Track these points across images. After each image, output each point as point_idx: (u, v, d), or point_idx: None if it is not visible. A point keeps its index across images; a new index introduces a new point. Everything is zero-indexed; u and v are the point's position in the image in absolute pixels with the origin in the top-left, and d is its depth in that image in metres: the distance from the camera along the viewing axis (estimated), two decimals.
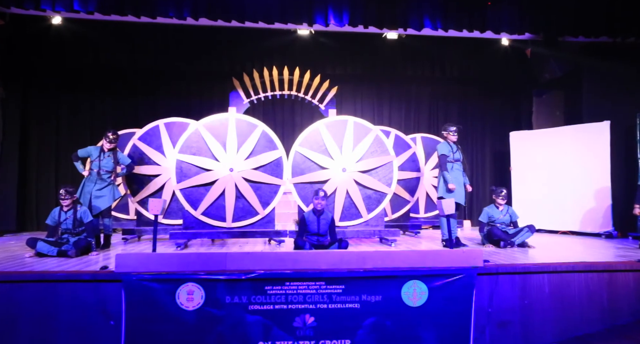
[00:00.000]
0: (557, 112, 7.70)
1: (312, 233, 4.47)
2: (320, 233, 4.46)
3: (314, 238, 4.46)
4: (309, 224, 4.48)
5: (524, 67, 7.58)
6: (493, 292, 3.49)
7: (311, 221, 4.48)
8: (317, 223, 4.46)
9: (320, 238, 4.45)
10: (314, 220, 4.49)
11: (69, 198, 4.40)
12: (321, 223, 4.47)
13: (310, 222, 4.48)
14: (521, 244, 4.89)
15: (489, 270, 3.48)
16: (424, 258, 3.35)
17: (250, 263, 3.22)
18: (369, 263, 3.30)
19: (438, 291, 3.27)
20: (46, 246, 4.10)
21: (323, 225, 4.48)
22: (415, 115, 8.38)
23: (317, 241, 4.45)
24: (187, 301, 3.11)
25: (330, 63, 7.77)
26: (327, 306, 3.21)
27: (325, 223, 4.50)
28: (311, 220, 4.49)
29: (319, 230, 4.46)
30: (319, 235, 4.45)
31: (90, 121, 7.63)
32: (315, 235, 4.46)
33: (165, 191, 5.76)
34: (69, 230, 4.35)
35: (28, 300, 3.16)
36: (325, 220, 4.50)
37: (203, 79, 7.77)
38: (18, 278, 3.20)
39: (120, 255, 3.19)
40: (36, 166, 7.32)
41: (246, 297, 3.16)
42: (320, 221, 4.47)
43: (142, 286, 3.09)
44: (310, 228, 4.47)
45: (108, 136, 5.01)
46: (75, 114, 7.56)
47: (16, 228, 6.86)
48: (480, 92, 8.34)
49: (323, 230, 4.47)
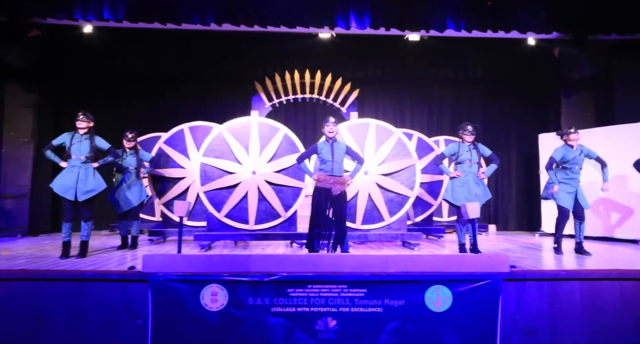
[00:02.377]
0: (588, 113, 7.44)
1: (325, 162, 4.25)
2: (335, 161, 4.23)
3: (329, 167, 4.22)
4: (322, 152, 4.26)
5: (552, 68, 7.39)
6: (520, 299, 3.39)
7: (324, 150, 4.25)
8: (331, 151, 4.24)
9: (334, 166, 4.23)
10: (327, 148, 4.26)
11: (85, 121, 4.42)
12: (335, 151, 4.26)
13: (323, 150, 4.26)
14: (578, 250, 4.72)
15: (516, 276, 3.39)
16: (448, 262, 3.30)
17: (272, 266, 3.24)
18: (391, 267, 3.27)
19: (463, 296, 3.21)
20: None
21: (338, 154, 4.26)
22: (438, 118, 8.28)
23: (332, 170, 4.22)
24: (211, 302, 3.15)
25: (352, 66, 7.77)
26: (349, 309, 3.19)
27: (341, 151, 4.28)
28: (324, 148, 4.27)
29: (333, 157, 4.23)
30: (334, 164, 4.22)
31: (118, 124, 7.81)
32: (329, 163, 4.22)
33: (189, 193, 5.88)
34: (79, 155, 4.33)
35: (59, 298, 3.26)
36: (340, 149, 4.29)
37: (226, 83, 7.89)
38: (50, 277, 3.31)
39: (147, 255, 3.26)
40: None
41: (268, 299, 3.18)
42: (334, 148, 4.26)
43: (167, 286, 3.15)
44: (323, 156, 4.25)
45: (127, 135, 5.14)
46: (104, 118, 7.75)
47: (50, 228, 7.14)
48: (505, 94, 8.15)
49: (338, 158, 4.25)
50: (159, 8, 5.75)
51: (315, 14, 5.95)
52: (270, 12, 5.88)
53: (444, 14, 6.01)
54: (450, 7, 6.00)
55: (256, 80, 6.53)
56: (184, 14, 5.78)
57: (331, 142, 4.30)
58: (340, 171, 4.27)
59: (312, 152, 4.40)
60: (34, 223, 6.83)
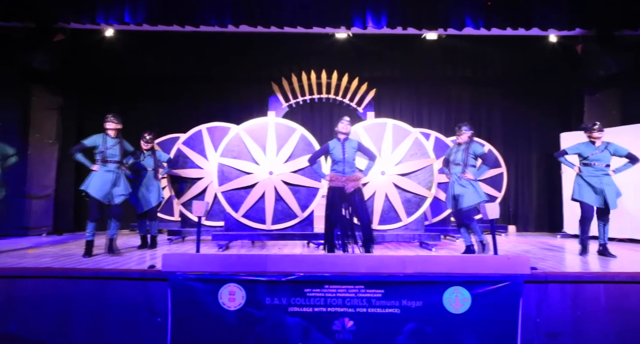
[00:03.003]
0: (613, 111, 7.22)
1: (337, 161, 4.20)
2: (347, 160, 4.19)
3: (340, 167, 4.18)
4: (333, 151, 4.22)
5: (574, 65, 7.19)
6: (542, 301, 3.31)
7: (335, 148, 4.21)
8: (342, 150, 4.20)
9: (345, 166, 4.19)
10: (338, 146, 4.22)
11: (115, 123, 4.51)
12: (346, 150, 4.21)
13: (334, 149, 4.21)
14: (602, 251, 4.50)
15: (537, 278, 3.31)
16: (466, 263, 3.25)
17: (289, 265, 3.25)
18: (409, 267, 3.24)
19: (482, 298, 3.16)
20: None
21: (349, 152, 4.21)
22: (456, 117, 8.16)
23: (343, 170, 4.18)
24: (229, 301, 3.18)
25: (368, 66, 7.73)
26: (366, 310, 3.18)
27: (352, 149, 4.23)
28: (335, 146, 4.22)
29: (344, 156, 4.19)
30: (345, 163, 4.18)
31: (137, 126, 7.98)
32: (341, 163, 4.18)
33: (207, 193, 5.95)
34: (114, 160, 4.43)
35: (83, 296, 3.35)
36: (351, 146, 4.24)
37: (243, 84, 7.97)
38: (74, 275, 3.40)
39: (167, 254, 3.32)
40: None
41: (286, 299, 3.19)
42: (345, 147, 4.22)
43: (186, 285, 3.19)
44: (335, 156, 4.21)
45: (145, 137, 5.21)
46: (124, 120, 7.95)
47: (73, 227, 7.33)
48: (526, 93, 7.98)
49: (349, 157, 4.21)
50: (178, 11, 5.84)
51: (332, 14, 5.94)
52: (287, 13, 5.91)
53: (463, 11, 5.91)
54: (469, 5, 5.90)
55: (273, 80, 6.55)
56: (202, 16, 5.86)
57: (342, 140, 4.27)
58: (351, 170, 4.23)
59: (323, 152, 4.37)
60: (58, 223, 7.04)
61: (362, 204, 4.27)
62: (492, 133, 8.00)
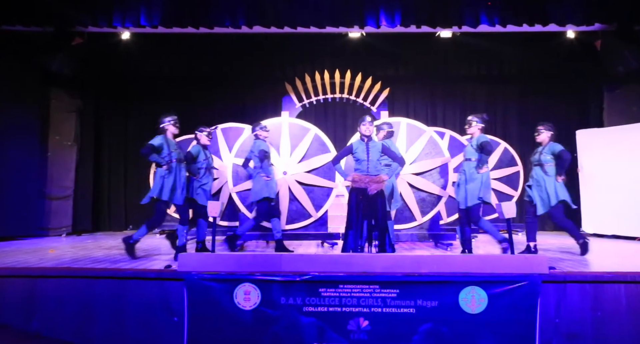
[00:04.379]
0: (634, 107, 7.04)
1: (360, 161, 4.17)
2: (371, 160, 4.15)
3: (364, 166, 4.14)
4: (357, 152, 4.18)
5: (593, 61, 7.03)
6: (560, 302, 3.26)
7: (359, 149, 4.18)
8: (366, 150, 4.16)
9: (370, 166, 4.14)
10: (362, 147, 4.18)
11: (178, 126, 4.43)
12: (371, 150, 4.17)
13: (358, 150, 4.19)
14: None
15: (555, 278, 3.26)
16: (483, 263, 3.21)
17: (304, 265, 3.25)
18: (424, 267, 3.22)
19: (499, 298, 3.11)
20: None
21: (373, 153, 4.17)
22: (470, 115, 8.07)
23: (367, 170, 4.13)
24: (244, 301, 3.21)
25: (382, 65, 7.71)
26: (381, 310, 3.17)
27: (376, 150, 4.20)
28: (359, 147, 4.19)
29: (368, 157, 4.15)
30: (369, 163, 4.14)
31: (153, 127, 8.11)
32: (364, 163, 4.14)
33: (222, 193, 6.00)
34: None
35: (102, 295, 3.41)
36: (376, 148, 4.20)
37: (256, 84, 8.02)
38: (94, 274, 3.47)
39: (183, 254, 3.37)
40: (108, 170, 7.95)
41: (300, 298, 3.20)
42: (369, 147, 4.18)
43: (202, 285, 3.22)
44: (358, 155, 4.18)
45: (206, 131, 4.80)
46: (140, 122, 8.10)
47: (91, 227, 7.48)
48: (542, 90, 7.84)
49: (373, 157, 4.17)
50: (192, 13, 5.90)
51: (345, 13, 5.93)
52: (300, 13, 5.91)
53: (478, 8, 5.83)
54: (484, 1, 5.82)
55: (286, 81, 6.57)
56: (216, 17, 5.91)
57: (366, 140, 4.23)
58: (376, 170, 4.18)
59: (347, 152, 4.34)
60: (77, 223, 7.19)
61: (383, 208, 4.22)
62: (508, 131, 7.89)
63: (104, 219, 7.84)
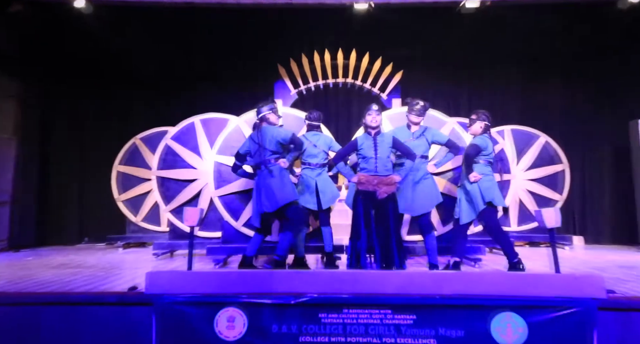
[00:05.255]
0: None
1: (367, 159, 4.16)
2: (379, 158, 4.15)
3: (372, 165, 4.13)
4: (363, 148, 4.17)
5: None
6: (624, 335, 3.16)
7: (365, 145, 4.17)
8: (373, 146, 4.16)
9: (378, 163, 4.13)
10: (368, 142, 4.18)
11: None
12: (379, 146, 4.17)
13: (364, 145, 4.17)
14: None
15: (617, 305, 3.17)
16: (520, 283, 3.18)
17: (300, 285, 3.23)
18: (446, 287, 3.20)
19: (542, 328, 3.06)
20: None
21: (382, 149, 4.17)
22: (502, 103, 8.09)
23: (376, 169, 4.12)
24: (227, 330, 3.16)
25: (393, 43, 7.69)
26: (394, 340, 3.13)
27: (386, 145, 4.19)
28: (365, 142, 4.18)
29: (376, 154, 4.15)
30: (377, 161, 4.14)
31: (118, 117, 8.07)
32: (372, 161, 4.14)
33: (202, 198, 5.96)
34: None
35: (48, 326, 3.28)
36: (385, 142, 4.20)
37: (243, 67, 8.01)
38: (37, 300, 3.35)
39: (152, 273, 3.32)
40: (57, 168, 7.85)
41: (296, 326, 3.17)
42: (377, 143, 4.18)
43: (175, 310, 3.18)
44: (364, 152, 4.17)
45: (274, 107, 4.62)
46: (101, 110, 8.06)
47: (35, 241, 7.30)
48: (592, 71, 7.82)
49: (382, 154, 4.17)
50: None
51: None
52: None
53: None
54: None
55: (280, 63, 6.55)
56: None
57: (373, 134, 4.22)
58: (385, 169, 4.17)
59: (351, 149, 4.30)
60: (15, 236, 6.95)
61: (395, 215, 4.20)
62: (549, 123, 7.88)
63: (51, 230, 7.73)
